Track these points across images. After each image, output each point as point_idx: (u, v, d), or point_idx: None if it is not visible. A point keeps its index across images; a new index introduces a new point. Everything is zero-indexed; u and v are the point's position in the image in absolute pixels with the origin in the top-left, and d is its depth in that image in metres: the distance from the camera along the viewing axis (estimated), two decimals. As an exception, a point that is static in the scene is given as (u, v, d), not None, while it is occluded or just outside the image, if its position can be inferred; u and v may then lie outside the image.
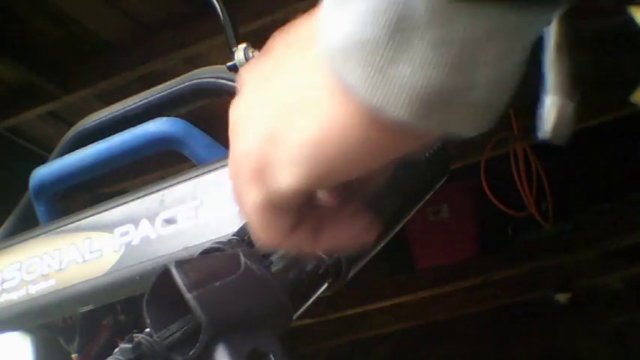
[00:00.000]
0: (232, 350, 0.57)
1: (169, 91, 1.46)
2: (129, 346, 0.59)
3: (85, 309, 1.48)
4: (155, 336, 0.59)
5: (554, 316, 4.47)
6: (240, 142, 0.53)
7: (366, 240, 0.56)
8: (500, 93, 0.45)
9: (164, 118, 1.42)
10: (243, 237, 0.63)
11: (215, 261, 0.61)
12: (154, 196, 1.34)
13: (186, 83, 1.44)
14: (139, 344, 0.59)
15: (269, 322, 0.59)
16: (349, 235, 0.55)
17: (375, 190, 0.55)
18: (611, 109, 3.45)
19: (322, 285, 0.66)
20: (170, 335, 0.58)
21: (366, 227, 0.55)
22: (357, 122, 0.46)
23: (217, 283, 0.58)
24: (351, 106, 0.46)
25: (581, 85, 0.60)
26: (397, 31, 0.42)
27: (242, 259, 0.60)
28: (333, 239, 0.55)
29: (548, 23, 0.48)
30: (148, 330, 0.60)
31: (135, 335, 0.59)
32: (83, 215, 1.43)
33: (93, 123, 1.68)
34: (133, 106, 1.52)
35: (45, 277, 1.43)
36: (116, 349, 0.60)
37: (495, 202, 3.70)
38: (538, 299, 4.46)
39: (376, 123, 0.46)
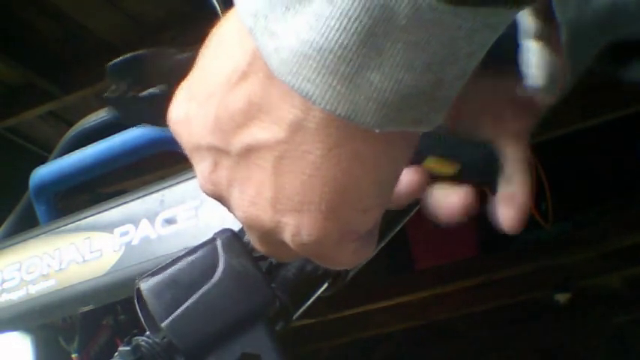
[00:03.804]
0: None
1: (169, 91, 1.47)
2: (128, 348, 0.59)
3: (85, 309, 1.48)
4: (153, 337, 0.58)
5: (554, 316, 4.47)
6: (197, 165, 0.51)
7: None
8: (459, 86, 0.44)
9: (164, 118, 1.42)
10: (234, 232, 0.61)
11: (191, 265, 0.59)
12: (154, 196, 1.34)
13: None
14: (138, 346, 0.58)
15: (259, 316, 0.59)
16: None
17: None
18: (611, 109, 3.45)
19: (322, 285, 0.66)
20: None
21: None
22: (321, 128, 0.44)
23: (192, 300, 0.56)
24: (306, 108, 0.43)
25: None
26: (368, 37, 0.40)
27: (221, 257, 0.59)
28: None
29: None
30: (147, 332, 0.60)
31: (134, 338, 0.59)
32: (83, 215, 1.43)
33: (93, 123, 1.68)
34: (133, 106, 1.52)
35: (45, 277, 1.43)
36: (116, 353, 0.59)
37: (495, 202, 3.69)
38: (538, 299, 4.46)
39: (340, 127, 0.44)
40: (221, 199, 0.51)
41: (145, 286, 0.57)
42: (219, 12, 0.71)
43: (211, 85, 0.48)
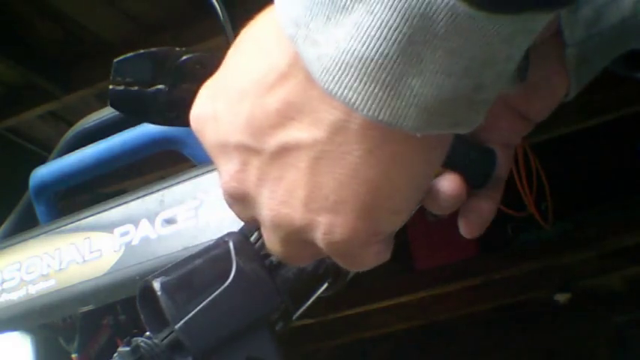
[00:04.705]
0: None
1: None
2: (127, 349, 0.59)
3: (85, 309, 1.48)
4: (153, 337, 0.58)
5: (554, 316, 4.47)
6: (223, 165, 0.51)
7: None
8: (499, 89, 0.45)
9: (164, 118, 1.41)
10: (245, 235, 0.62)
11: (203, 267, 0.59)
12: (154, 196, 1.34)
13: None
14: (137, 347, 0.58)
15: (265, 321, 0.59)
16: None
17: None
18: (611, 109, 3.45)
19: (322, 285, 0.66)
20: (168, 335, 0.58)
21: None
22: (359, 132, 0.45)
23: (205, 302, 0.57)
24: (347, 113, 0.44)
25: None
26: (408, 46, 0.41)
27: (233, 260, 0.59)
28: None
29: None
30: (147, 333, 0.60)
31: (133, 339, 0.59)
32: (83, 215, 1.42)
33: (93, 123, 1.68)
34: (133, 106, 1.52)
35: (45, 277, 1.43)
36: (115, 354, 0.59)
37: (495, 202, 3.69)
38: (538, 299, 4.46)
39: (378, 131, 0.45)
40: (245, 198, 0.51)
41: (159, 285, 0.57)
42: (219, 12, 0.71)
43: (245, 84, 0.48)
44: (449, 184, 0.58)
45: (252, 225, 0.64)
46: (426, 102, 0.42)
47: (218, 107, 0.50)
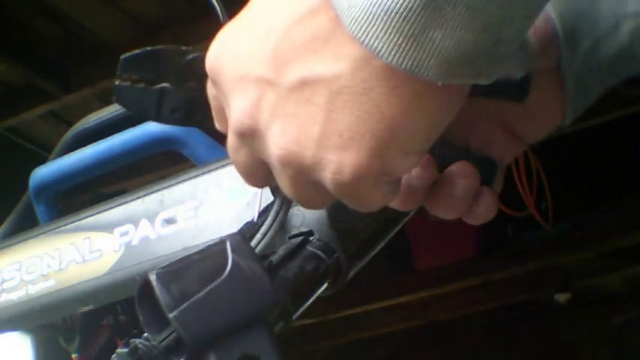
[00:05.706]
0: None
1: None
2: (126, 350, 0.59)
3: (85, 309, 1.48)
4: (151, 339, 0.58)
5: (554, 316, 4.47)
6: (236, 100, 0.51)
7: None
8: (517, 44, 0.47)
9: (164, 118, 1.41)
10: (243, 235, 0.62)
11: (200, 262, 0.59)
12: (153, 196, 1.34)
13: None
14: (136, 349, 0.58)
15: (262, 319, 0.59)
16: None
17: None
18: (611, 109, 3.45)
19: (322, 285, 0.66)
20: (167, 337, 0.58)
21: None
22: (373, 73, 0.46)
23: (201, 293, 0.57)
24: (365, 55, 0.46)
25: None
26: (431, 1, 0.43)
27: (229, 256, 0.59)
28: None
29: None
30: (145, 334, 0.60)
31: (132, 340, 0.59)
32: (83, 215, 1.42)
33: (93, 123, 1.69)
34: (133, 106, 1.52)
35: (45, 277, 1.43)
36: (113, 355, 0.59)
37: (495, 202, 3.69)
38: (538, 299, 4.46)
39: (394, 75, 0.46)
40: (254, 135, 0.51)
41: (155, 276, 0.57)
42: (219, 12, 0.71)
43: (273, 20, 0.49)
44: (463, 166, 0.59)
45: (249, 226, 0.64)
46: (447, 54, 0.45)
47: (241, 43, 0.51)
